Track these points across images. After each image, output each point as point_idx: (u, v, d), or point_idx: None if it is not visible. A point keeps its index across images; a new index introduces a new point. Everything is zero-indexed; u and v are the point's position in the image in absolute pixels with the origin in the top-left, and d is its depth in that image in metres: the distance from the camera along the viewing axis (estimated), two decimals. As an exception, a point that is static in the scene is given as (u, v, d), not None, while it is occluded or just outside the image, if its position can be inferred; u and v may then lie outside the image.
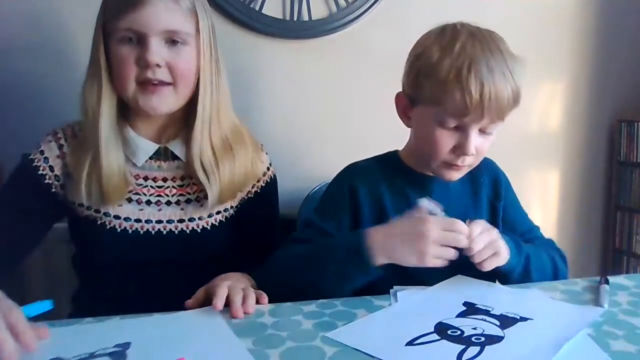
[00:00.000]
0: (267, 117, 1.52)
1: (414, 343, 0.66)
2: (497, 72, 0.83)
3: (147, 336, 0.68)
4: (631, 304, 0.80)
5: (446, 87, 0.83)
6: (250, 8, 1.46)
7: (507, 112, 0.87)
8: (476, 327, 0.70)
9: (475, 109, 0.82)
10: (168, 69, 0.88)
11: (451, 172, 0.92)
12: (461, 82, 0.82)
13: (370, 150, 1.05)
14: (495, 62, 0.83)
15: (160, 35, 0.86)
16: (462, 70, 0.82)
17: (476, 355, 0.63)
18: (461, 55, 0.83)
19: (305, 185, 1.36)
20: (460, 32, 0.87)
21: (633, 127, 1.79)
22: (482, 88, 0.81)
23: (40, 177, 0.91)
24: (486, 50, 0.84)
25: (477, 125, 0.86)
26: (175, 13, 0.87)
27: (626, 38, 1.84)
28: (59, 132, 0.95)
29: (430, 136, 0.88)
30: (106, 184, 0.88)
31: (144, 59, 0.85)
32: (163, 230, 0.93)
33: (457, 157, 0.89)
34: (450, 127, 0.86)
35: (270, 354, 0.63)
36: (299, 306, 0.78)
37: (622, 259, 1.87)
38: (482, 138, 0.89)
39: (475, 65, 0.82)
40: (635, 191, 1.81)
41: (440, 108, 0.85)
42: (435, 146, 0.88)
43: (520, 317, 0.74)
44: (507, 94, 0.84)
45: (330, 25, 1.52)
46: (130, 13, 0.84)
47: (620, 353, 0.65)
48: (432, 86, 0.86)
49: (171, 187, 0.95)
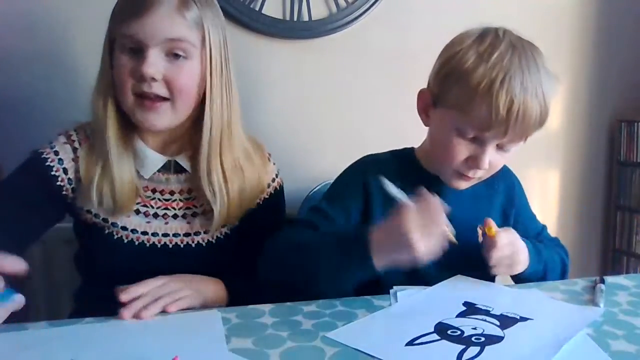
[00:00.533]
0: (267, 117, 1.52)
1: (414, 343, 0.66)
2: (531, 90, 0.79)
3: (147, 336, 0.68)
4: (631, 304, 0.80)
5: (474, 96, 0.80)
6: (250, 8, 1.46)
7: (530, 133, 0.84)
8: (476, 327, 0.70)
9: (499, 125, 0.80)
10: (165, 83, 0.84)
11: (460, 182, 0.90)
12: (491, 95, 0.78)
13: (370, 150, 1.05)
14: (530, 80, 0.80)
15: (161, 46, 0.83)
16: (494, 83, 0.78)
17: (476, 355, 0.63)
18: (497, 66, 0.79)
19: (305, 185, 1.36)
20: (501, 40, 0.83)
21: (633, 127, 1.79)
22: (511, 105, 0.78)
23: (52, 178, 0.89)
24: (524, 66, 0.80)
25: (496, 141, 0.84)
26: (178, 23, 0.84)
27: (626, 38, 1.84)
28: (72, 135, 0.92)
29: (446, 142, 0.86)
30: (118, 195, 0.87)
31: (139, 71, 0.82)
32: (169, 244, 0.93)
33: (469, 169, 0.87)
34: (469, 137, 0.84)
35: (270, 354, 0.63)
36: (299, 306, 0.78)
37: (622, 259, 1.87)
38: (498, 154, 0.86)
39: (509, 79, 0.78)
40: (635, 191, 1.81)
41: (462, 116, 0.82)
42: (449, 153, 0.86)
43: (520, 317, 0.74)
44: (535, 114, 0.81)
45: (330, 25, 1.52)
46: (133, 20, 0.82)
47: (620, 353, 0.65)
48: (460, 91, 0.82)
49: (178, 200, 0.94)
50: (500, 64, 0.80)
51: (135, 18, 0.82)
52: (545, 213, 1.85)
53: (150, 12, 0.82)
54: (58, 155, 0.90)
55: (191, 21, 0.85)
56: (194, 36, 0.85)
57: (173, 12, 0.83)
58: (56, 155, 0.90)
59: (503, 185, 0.99)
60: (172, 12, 0.83)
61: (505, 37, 0.84)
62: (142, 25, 0.82)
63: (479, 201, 0.97)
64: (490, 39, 0.83)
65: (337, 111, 1.58)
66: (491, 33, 0.85)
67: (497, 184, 0.99)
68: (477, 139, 0.84)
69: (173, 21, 0.83)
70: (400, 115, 1.64)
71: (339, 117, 1.58)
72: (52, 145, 0.91)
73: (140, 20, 0.82)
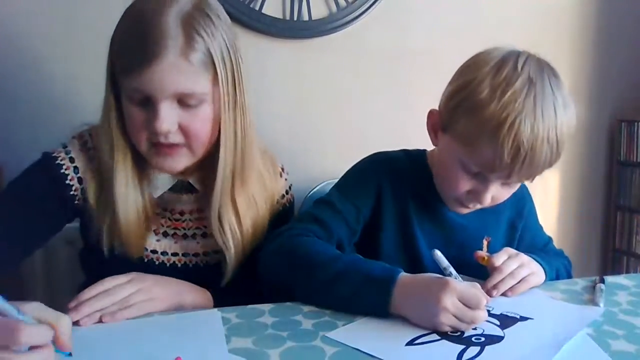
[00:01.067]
0: (267, 117, 1.52)
1: (414, 343, 0.66)
2: (542, 135, 0.74)
3: (146, 336, 0.68)
4: (631, 303, 0.80)
5: (481, 134, 0.76)
6: (250, 8, 1.46)
7: (538, 174, 0.80)
8: (476, 327, 0.70)
9: (504, 169, 0.77)
10: (180, 129, 0.79)
11: (460, 209, 0.89)
12: (497, 138, 0.74)
13: (370, 150, 1.05)
14: (543, 124, 0.75)
15: (171, 98, 0.77)
16: (503, 126, 0.74)
17: (476, 355, 0.63)
18: (509, 106, 0.74)
19: (304, 185, 1.36)
20: (519, 74, 0.76)
21: (633, 127, 1.79)
22: (517, 151, 0.74)
23: (65, 187, 0.86)
24: (538, 108, 0.75)
25: (500, 181, 0.82)
26: (186, 73, 0.75)
27: (626, 38, 1.84)
28: (88, 141, 0.89)
29: (449, 172, 0.84)
30: (126, 241, 0.85)
31: (153, 126, 0.77)
32: (178, 264, 0.91)
33: (470, 202, 0.85)
34: (472, 172, 0.81)
35: (270, 354, 0.63)
36: (299, 306, 0.78)
37: (622, 259, 1.87)
38: (503, 189, 0.84)
39: (519, 124, 0.73)
40: (635, 191, 1.81)
41: (468, 151, 0.80)
42: (451, 184, 0.84)
43: (520, 317, 0.74)
44: (544, 159, 0.76)
45: (330, 25, 1.52)
46: (137, 73, 0.74)
47: (620, 353, 0.65)
48: (467, 125, 0.79)
49: (188, 220, 0.92)
50: (512, 104, 0.74)
51: (139, 70, 0.74)
52: (545, 213, 1.85)
53: (155, 63, 0.74)
54: (74, 162, 0.87)
55: (199, 65, 0.76)
56: (204, 81, 0.78)
57: (179, 59, 0.75)
58: (71, 162, 0.87)
59: (513, 198, 0.91)
60: (177, 59, 0.74)
61: (524, 69, 0.77)
62: (148, 78, 0.75)
63: (486, 215, 0.93)
64: (507, 71, 0.77)
65: (337, 111, 1.58)
66: (510, 62, 0.78)
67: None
68: (480, 174, 0.81)
69: (180, 70, 0.75)
70: (400, 115, 1.64)
71: (339, 117, 1.58)
72: (67, 150, 0.88)
73: (145, 73, 0.74)
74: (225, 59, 0.80)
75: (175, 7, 0.76)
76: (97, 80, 0.86)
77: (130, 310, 0.74)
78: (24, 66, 1.35)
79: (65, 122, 0.97)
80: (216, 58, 0.78)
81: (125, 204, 0.84)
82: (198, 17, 0.77)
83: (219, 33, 0.79)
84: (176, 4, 0.76)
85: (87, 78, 0.95)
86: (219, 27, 0.79)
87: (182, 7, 0.76)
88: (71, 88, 1.36)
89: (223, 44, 0.79)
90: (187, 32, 0.75)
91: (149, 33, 0.74)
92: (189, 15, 0.76)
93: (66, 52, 1.37)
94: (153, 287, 0.78)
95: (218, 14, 0.81)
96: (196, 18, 0.77)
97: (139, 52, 0.74)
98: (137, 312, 0.74)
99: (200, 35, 0.76)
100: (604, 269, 1.92)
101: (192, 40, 0.76)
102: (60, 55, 1.37)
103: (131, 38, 0.76)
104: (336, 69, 1.56)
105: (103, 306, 0.73)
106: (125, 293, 0.76)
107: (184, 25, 0.75)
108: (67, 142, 0.90)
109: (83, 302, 0.73)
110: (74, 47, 1.36)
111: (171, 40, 0.74)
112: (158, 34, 0.74)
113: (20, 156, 0.95)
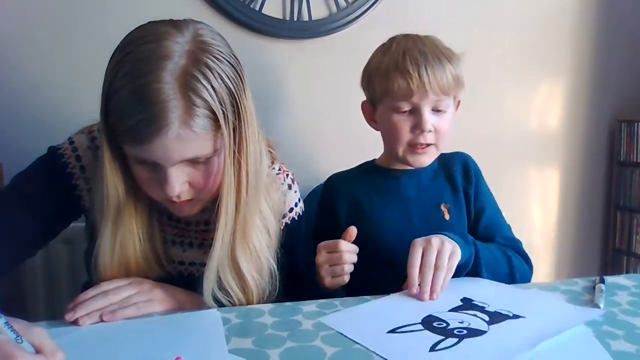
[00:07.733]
0: (266, 117, 1.52)
1: (396, 331, 0.69)
2: (430, 55, 0.95)
3: (147, 336, 0.68)
4: (631, 303, 0.80)
5: (389, 76, 0.96)
6: (250, 8, 1.46)
7: (450, 89, 0.96)
8: (463, 321, 0.71)
9: (418, 88, 0.93)
10: (190, 185, 0.78)
11: (418, 157, 0.99)
12: (399, 68, 0.95)
13: (370, 150, 1.05)
14: (427, 49, 0.96)
15: (178, 162, 0.74)
16: (398, 59, 0.96)
17: (452, 346, 0.65)
18: (397, 49, 0.97)
19: (304, 185, 1.35)
20: (398, 36, 1.01)
21: (633, 127, 1.79)
22: (418, 68, 0.93)
23: (71, 187, 0.86)
24: (417, 42, 0.98)
25: (427, 104, 0.96)
26: (191, 141, 0.72)
27: (626, 38, 1.84)
28: (96, 138, 0.86)
29: (390, 124, 0.99)
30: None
31: (163, 190, 0.75)
32: (184, 272, 0.90)
33: (417, 136, 0.97)
34: (404, 110, 0.97)
35: (270, 354, 0.63)
36: (299, 306, 0.78)
37: (622, 259, 1.87)
38: (437, 117, 0.97)
39: (408, 52, 0.95)
40: (635, 191, 1.81)
41: (390, 97, 0.97)
42: (395, 131, 0.98)
43: (512, 315, 0.74)
44: (444, 71, 0.95)
45: (330, 25, 1.52)
46: (140, 145, 0.71)
47: (620, 353, 0.65)
48: (379, 81, 0.98)
49: (194, 230, 0.91)
50: (398, 47, 0.98)
51: (141, 143, 0.71)
52: (545, 213, 1.85)
53: (158, 139, 0.70)
54: (80, 161, 0.86)
55: (203, 130, 0.72)
56: (210, 142, 0.74)
57: (182, 130, 0.70)
58: (78, 161, 0.86)
59: (459, 166, 1.06)
60: (181, 131, 0.70)
61: (402, 34, 1.02)
62: (152, 150, 0.71)
63: (439, 180, 1.05)
64: (390, 39, 1.02)
65: (337, 111, 1.58)
66: (391, 37, 1.03)
67: (455, 165, 1.06)
68: (412, 111, 0.97)
69: (184, 140, 0.71)
70: (400, 115, 1.64)
71: (339, 117, 1.58)
72: (73, 147, 0.87)
73: (149, 146, 0.71)
74: (228, 109, 0.73)
75: (170, 65, 0.69)
76: (97, 80, 0.85)
77: (129, 309, 0.74)
78: (24, 66, 1.35)
79: (65, 122, 0.97)
80: (219, 113, 0.72)
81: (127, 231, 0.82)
82: (194, 72, 0.70)
83: (219, 80, 0.72)
84: (169, 60, 0.69)
85: (87, 78, 0.95)
86: (217, 70, 0.72)
87: (176, 62, 0.69)
88: (71, 88, 1.36)
89: (225, 90, 0.73)
90: (186, 96, 0.69)
91: (149, 109, 0.68)
92: (185, 72, 0.70)
93: (66, 51, 1.37)
94: (152, 289, 0.79)
95: (214, 54, 0.73)
96: (193, 74, 0.70)
97: (141, 127, 0.69)
98: (136, 312, 0.74)
99: (200, 95, 0.70)
100: (604, 269, 1.92)
101: (193, 105, 0.70)
102: (61, 55, 1.37)
103: (131, 111, 0.70)
104: (336, 69, 1.56)
105: (102, 306, 0.74)
106: (125, 294, 0.76)
107: (182, 87, 0.69)
108: (75, 137, 0.88)
109: (82, 303, 0.73)
110: (74, 47, 1.37)
111: (172, 114, 0.69)
112: (158, 111, 0.68)
113: (20, 156, 0.95)
